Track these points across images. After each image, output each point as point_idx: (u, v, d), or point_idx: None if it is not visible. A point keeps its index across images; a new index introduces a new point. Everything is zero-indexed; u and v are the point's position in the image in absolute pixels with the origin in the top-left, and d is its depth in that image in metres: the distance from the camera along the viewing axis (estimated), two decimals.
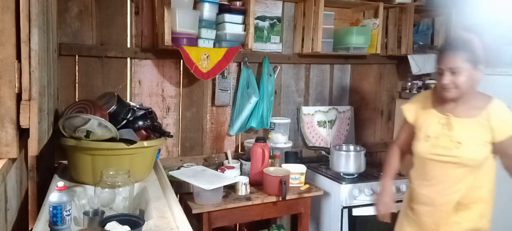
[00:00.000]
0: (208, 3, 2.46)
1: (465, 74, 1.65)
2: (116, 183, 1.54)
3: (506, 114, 1.72)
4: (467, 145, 1.70)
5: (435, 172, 1.79)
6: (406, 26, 3.04)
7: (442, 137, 1.75)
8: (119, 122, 1.87)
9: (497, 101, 1.74)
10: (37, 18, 1.37)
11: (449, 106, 1.76)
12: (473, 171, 1.73)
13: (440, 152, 1.75)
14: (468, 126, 1.71)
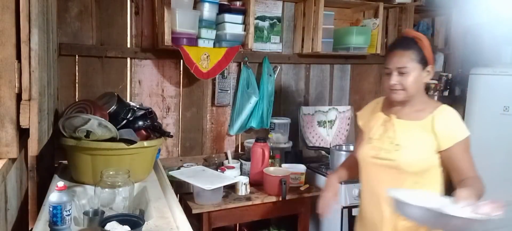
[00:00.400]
0: (208, 3, 2.46)
1: (413, 75, 1.56)
2: (116, 183, 1.54)
3: (452, 121, 1.59)
4: (406, 148, 1.59)
5: (374, 176, 1.69)
6: (406, 26, 3.05)
7: (383, 138, 1.66)
8: (119, 121, 1.87)
9: (446, 107, 1.62)
10: (37, 18, 1.37)
11: (395, 109, 1.67)
12: (414, 178, 1.59)
13: (379, 155, 1.65)
14: (410, 128, 1.61)
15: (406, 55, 1.57)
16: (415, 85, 1.58)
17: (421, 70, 1.58)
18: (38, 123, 1.40)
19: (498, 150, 2.74)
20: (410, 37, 1.61)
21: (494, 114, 2.75)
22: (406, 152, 1.59)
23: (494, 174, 2.75)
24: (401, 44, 1.61)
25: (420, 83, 1.60)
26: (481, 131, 2.84)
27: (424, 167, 1.59)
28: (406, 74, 1.56)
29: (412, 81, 1.57)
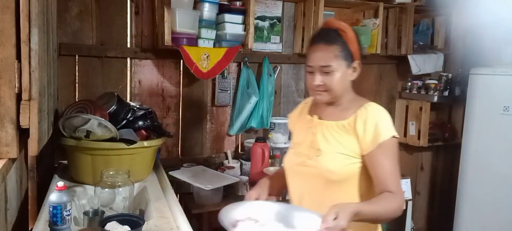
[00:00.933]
0: (208, 3, 2.46)
1: (338, 74, 1.37)
2: (116, 183, 1.54)
3: (376, 120, 1.35)
4: (327, 152, 1.39)
5: (301, 186, 1.48)
6: (406, 26, 3.04)
7: (306, 142, 1.47)
8: (119, 122, 1.87)
9: (371, 104, 1.41)
10: (37, 18, 1.37)
11: (319, 109, 1.50)
12: (338, 186, 1.39)
13: (301, 161, 1.45)
14: (332, 130, 1.42)
15: (330, 51, 1.37)
16: (341, 84, 1.39)
17: (346, 68, 1.39)
18: (38, 123, 1.40)
19: (498, 150, 2.74)
20: (333, 29, 1.39)
21: (494, 114, 2.75)
22: (326, 157, 1.38)
23: (494, 174, 2.76)
24: (323, 38, 1.39)
25: (346, 82, 1.41)
26: (481, 131, 2.84)
27: (347, 174, 1.37)
28: (330, 73, 1.37)
29: (337, 81, 1.38)
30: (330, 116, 1.45)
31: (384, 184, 1.32)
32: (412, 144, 3.30)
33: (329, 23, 1.43)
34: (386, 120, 1.37)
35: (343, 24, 1.40)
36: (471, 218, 2.90)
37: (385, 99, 3.39)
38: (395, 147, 1.36)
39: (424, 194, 3.62)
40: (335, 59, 1.36)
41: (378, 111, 1.39)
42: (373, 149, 1.33)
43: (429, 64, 3.22)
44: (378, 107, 1.40)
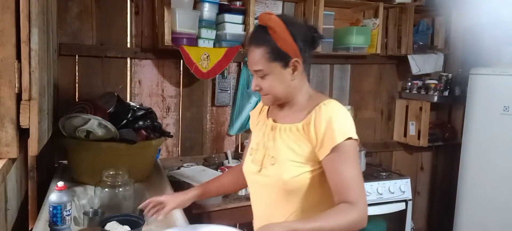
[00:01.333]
0: (208, 3, 2.46)
1: (273, 77, 1.24)
2: (116, 183, 1.54)
3: (330, 121, 1.18)
4: (281, 161, 1.25)
5: (256, 195, 1.36)
6: (406, 26, 3.04)
7: (260, 149, 1.33)
8: (119, 121, 1.88)
9: (327, 103, 1.24)
10: (37, 18, 1.37)
11: (276, 111, 1.36)
12: (297, 197, 1.25)
13: (257, 169, 1.32)
14: (286, 135, 1.27)
15: (258, 53, 1.23)
16: (280, 87, 1.25)
17: (282, 68, 1.23)
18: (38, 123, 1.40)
19: (498, 150, 2.74)
20: (262, 27, 1.24)
21: (494, 114, 2.75)
22: (280, 165, 1.25)
23: (494, 174, 2.76)
24: (252, 39, 1.27)
25: (287, 83, 1.26)
26: (481, 131, 2.84)
27: (302, 185, 1.23)
28: (264, 77, 1.25)
29: (273, 84, 1.25)
30: (285, 119, 1.31)
31: (341, 194, 1.15)
32: (412, 144, 3.30)
33: (260, 20, 1.26)
34: (342, 120, 1.20)
35: (273, 20, 1.22)
36: (471, 218, 2.90)
37: (385, 99, 3.39)
38: (353, 150, 1.18)
39: (424, 194, 3.62)
40: (265, 62, 1.23)
41: (333, 110, 1.21)
42: (328, 154, 1.17)
43: (429, 64, 3.22)
44: (334, 106, 1.23)
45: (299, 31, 1.24)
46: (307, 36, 1.26)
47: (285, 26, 1.22)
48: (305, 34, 1.26)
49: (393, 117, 3.43)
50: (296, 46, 1.23)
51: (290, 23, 1.24)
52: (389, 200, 2.68)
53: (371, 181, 2.66)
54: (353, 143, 1.19)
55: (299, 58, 1.24)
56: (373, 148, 3.31)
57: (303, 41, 1.24)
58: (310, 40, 1.27)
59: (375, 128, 3.39)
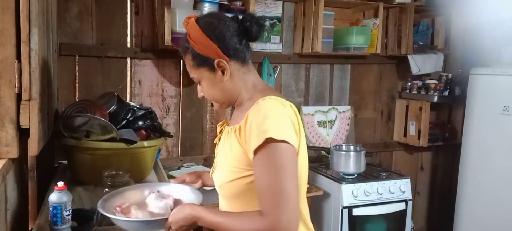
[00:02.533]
0: (208, 3, 2.46)
1: (206, 82, 1.18)
2: (116, 183, 1.54)
3: (256, 122, 1.06)
4: (221, 164, 1.20)
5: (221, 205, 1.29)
6: (406, 26, 3.04)
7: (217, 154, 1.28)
8: (119, 121, 1.88)
9: (260, 101, 1.10)
10: (37, 18, 1.37)
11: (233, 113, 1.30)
12: (239, 203, 1.17)
13: (211, 173, 1.30)
14: (229, 138, 1.18)
15: (186, 62, 1.19)
16: (216, 91, 1.19)
17: (210, 72, 1.16)
18: (38, 123, 1.40)
19: (498, 150, 2.74)
20: (185, 34, 1.17)
21: (494, 114, 2.75)
22: (220, 171, 1.21)
23: (494, 174, 2.76)
24: (180, 47, 1.22)
25: (220, 86, 1.18)
26: (481, 131, 2.84)
27: (238, 191, 1.15)
28: (200, 84, 1.21)
29: (207, 90, 1.20)
30: (233, 121, 1.24)
31: (259, 202, 1.04)
32: (412, 144, 3.30)
33: (184, 24, 1.18)
34: (268, 120, 1.04)
35: (190, 24, 1.15)
36: (471, 218, 2.90)
37: (385, 99, 3.39)
38: (274, 154, 1.03)
39: (424, 194, 3.62)
40: (193, 69, 1.18)
41: (264, 108, 1.07)
42: (253, 158, 1.06)
43: (429, 64, 3.22)
44: (267, 104, 1.09)
45: (217, 28, 1.14)
46: (234, 30, 1.15)
47: (199, 28, 1.13)
48: (229, 29, 1.14)
49: (393, 117, 3.43)
50: (215, 46, 1.13)
51: (206, 23, 1.15)
52: (389, 200, 2.67)
53: (371, 181, 2.66)
54: (277, 146, 1.03)
55: (223, 58, 1.14)
56: (373, 148, 3.31)
57: (227, 38, 1.14)
58: (242, 32, 1.16)
59: (375, 128, 3.39)
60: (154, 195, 1.31)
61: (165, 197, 1.30)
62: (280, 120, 1.06)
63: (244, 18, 1.17)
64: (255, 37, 1.18)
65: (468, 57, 3.22)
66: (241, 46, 1.16)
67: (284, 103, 1.11)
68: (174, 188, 1.39)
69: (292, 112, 1.11)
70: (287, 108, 1.10)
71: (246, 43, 1.18)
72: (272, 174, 1.02)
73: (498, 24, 2.97)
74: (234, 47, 1.15)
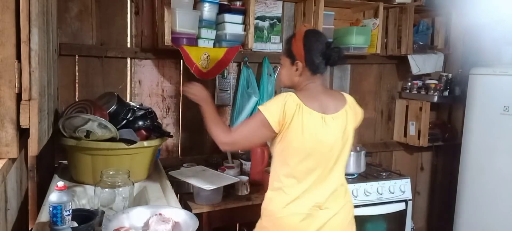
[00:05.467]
0: (208, 3, 2.46)
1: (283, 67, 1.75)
2: (116, 183, 1.54)
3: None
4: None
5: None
6: (406, 26, 3.04)
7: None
8: (119, 122, 1.88)
9: (286, 92, 1.68)
10: (37, 18, 1.37)
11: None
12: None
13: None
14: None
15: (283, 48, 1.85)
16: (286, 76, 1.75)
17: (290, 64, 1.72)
18: (38, 123, 1.40)
19: (498, 150, 2.74)
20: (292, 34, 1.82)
21: (494, 114, 2.75)
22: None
23: (494, 174, 2.76)
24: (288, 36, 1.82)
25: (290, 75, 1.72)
26: (481, 131, 2.84)
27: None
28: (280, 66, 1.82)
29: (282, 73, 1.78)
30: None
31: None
32: (412, 144, 3.30)
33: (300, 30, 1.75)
34: (270, 100, 1.65)
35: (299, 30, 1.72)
36: (471, 218, 2.90)
37: (385, 99, 3.39)
38: (254, 116, 1.65)
39: (424, 194, 3.62)
40: (282, 55, 1.76)
41: (278, 95, 1.66)
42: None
43: (429, 64, 3.22)
44: (282, 93, 1.66)
45: (312, 45, 1.63)
46: (320, 51, 1.63)
47: (302, 37, 1.64)
48: (319, 50, 1.63)
49: (393, 116, 3.43)
50: (303, 52, 1.63)
51: (308, 36, 1.65)
52: (389, 200, 2.68)
53: (371, 181, 2.66)
54: (259, 113, 1.60)
55: (302, 62, 1.65)
56: (373, 148, 3.31)
57: (313, 53, 1.63)
58: (324, 55, 1.64)
59: (375, 128, 3.39)
60: (156, 218, 1.36)
61: (165, 221, 1.35)
62: (272, 102, 1.62)
63: (331, 46, 1.65)
64: (332, 64, 1.69)
65: (468, 57, 3.22)
66: (317, 62, 1.65)
67: (292, 98, 1.60)
68: (174, 211, 1.44)
69: (290, 103, 1.58)
70: (288, 101, 1.59)
71: (323, 62, 1.66)
72: (246, 122, 1.70)
73: (498, 24, 2.97)
74: (312, 60, 1.64)
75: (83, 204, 1.66)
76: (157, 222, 1.34)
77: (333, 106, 1.68)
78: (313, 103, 1.62)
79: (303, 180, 1.64)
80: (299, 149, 1.61)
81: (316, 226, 1.63)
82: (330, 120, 1.63)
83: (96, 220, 1.37)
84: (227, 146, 1.69)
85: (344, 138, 1.68)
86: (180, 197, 2.30)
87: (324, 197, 1.65)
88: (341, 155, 1.69)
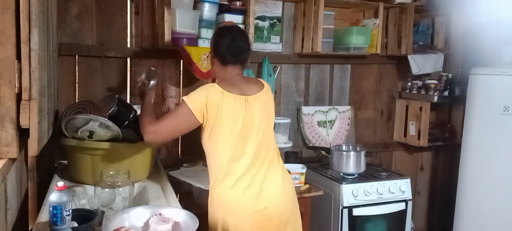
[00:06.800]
0: (208, 3, 2.46)
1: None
2: (116, 183, 1.54)
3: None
4: None
5: None
6: (406, 26, 3.04)
7: None
8: (121, 123, 1.88)
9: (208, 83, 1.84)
10: (37, 18, 1.37)
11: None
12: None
13: None
14: None
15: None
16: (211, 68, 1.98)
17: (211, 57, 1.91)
18: (38, 123, 1.40)
19: (498, 150, 2.74)
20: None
21: (494, 114, 2.75)
22: None
23: (494, 174, 2.76)
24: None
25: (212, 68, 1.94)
26: (481, 131, 2.84)
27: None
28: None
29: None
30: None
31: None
32: (412, 144, 3.30)
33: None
34: (194, 91, 1.74)
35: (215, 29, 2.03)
36: (471, 218, 2.90)
37: (385, 99, 3.39)
38: (178, 107, 1.76)
39: (424, 194, 3.62)
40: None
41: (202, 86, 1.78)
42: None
43: (429, 64, 3.22)
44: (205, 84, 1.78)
45: (218, 40, 1.82)
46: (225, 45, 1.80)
47: (214, 34, 1.88)
48: (224, 43, 1.80)
49: (393, 117, 3.43)
50: (213, 47, 1.85)
51: (217, 32, 1.86)
52: (389, 200, 2.68)
53: (371, 181, 2.66)
54: (182, 102, 1.72)
55: (211, 54, 1.87)
56: (373, 148, 3.31)
57: (219, 47, 1.81)
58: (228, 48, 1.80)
59: (375, 128, 3.39)
60: (156, 218, 1.36)
61: (165, 221, 1.35)
62: (195, 92, 1.74)
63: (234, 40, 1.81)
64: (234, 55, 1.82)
65: (468, 57, 3.22)
66: (222, 53, 1.81)
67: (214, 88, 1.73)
68: (174, 211, 1.44)
69: (212, 92, 1.71)
70: (210, 90, 1.72)
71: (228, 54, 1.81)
72: (171, 111, 2.03)
73: (498, 24, 2.97)
74: (219, 53, 1.82)
75: (83, 204, 1.66)
76: (157, 222, 1.34)
77: (253, 90, 1.84)
78: (234, 89, 1.76)
79: (240, 159, 1.76)
80: (233, 131, 1.73)
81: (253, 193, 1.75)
82: (253, 99, 1.79)
83: (96, 220, 1.37)
84: (150, 135, 1.69)
85: (269, 114, 1.88)
86: (180, 197, 2.30)
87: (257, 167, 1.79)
88: (267, 128, 1.85)
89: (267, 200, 1.76)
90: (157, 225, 1.33)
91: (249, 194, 1.75)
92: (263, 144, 1.81)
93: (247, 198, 1.74)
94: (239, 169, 1.76)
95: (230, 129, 1.73)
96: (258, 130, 1.79)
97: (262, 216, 1.75)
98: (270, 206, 1.77)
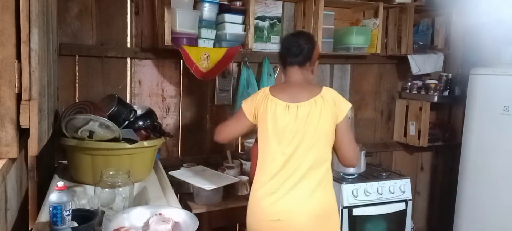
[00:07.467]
0: (208, 3, 2.46)
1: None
2: (116, 183, 1.54)
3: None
4: None
5: None
6: (406, 26, 3.04)
7: None
8: (121, 123, 1.88)
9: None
10: (37, 18, 1.37)
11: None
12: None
13: None
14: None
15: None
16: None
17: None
18: (38, 123, 1.40)
19: (498, 150, 2.74)
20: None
21: (494, 114, 2.75)
22: None
23: (494, 174, 2.76)
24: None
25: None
26: (481, 131, 2.84)
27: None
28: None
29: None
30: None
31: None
32: (412, 144, 3.30)
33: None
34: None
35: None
36: (471, 218, 2.90)
37: (385, 99, 3.39)
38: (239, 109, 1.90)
39: (424, 194, 3.62)
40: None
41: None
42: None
43: (429, 64, 3.22)
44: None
45: (280, 45, 1.90)
46: (281, 49, 1.87)
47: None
48: (282, 48, 1.87)
49: (393, 116, 3.43)
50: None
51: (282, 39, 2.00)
52: (389, 200, 2.68)
53: (371, 181, 2.66)
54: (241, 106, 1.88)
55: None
56: (373, 148, 3.31)
57: (280, 51, 1.88)
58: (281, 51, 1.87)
59: (375, 128, 3.39)
60: (156, 218, 1.36)
61: (165, 221, 1.35)
62: (251, 95, 1.89)
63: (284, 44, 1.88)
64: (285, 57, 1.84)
65: (468, 57, 3.22)
66: (280, 57, 1.88)
67: (263, 91, 1.83)
68: (174, 211, 1.44)
69: (260, 95, 1.82)
70: (259, 93, 1.84)
71: (283, 57, 1.86)
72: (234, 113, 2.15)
73: (498, 24, 2.97)
74: (279, 57, 1.89)
75: (83, 204, 1.66)
76: (157, 222, 1.34)
77: (302, 97, 1.76)
78: (281, 94, 1.77)
79: (271, 163, 1.78)
80: (268, 135, 1.77)
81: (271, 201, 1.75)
82: (294, 108, 1.74)
83: (96, 220, 1.37)
84: (215, 135, 1.92)
85: (315, 124, 1.71)
86: (180, 197, 2.30)
87: (286, 176, 1.75)
88: (308, 139, 1.72)
89: (283, 213, 1.71)
90: (157, 225, 1.33)
91: (269, 200, 1.74)
92: (299, 154, 1.72)
93: (265, 204, 1.75)
94: (268, 173, 1.77)
95: (266, 132, 1.77)
96: (294, 139, 1.73)
97: (274, 228, 1.72)
98: (285, 220, 1.71)
